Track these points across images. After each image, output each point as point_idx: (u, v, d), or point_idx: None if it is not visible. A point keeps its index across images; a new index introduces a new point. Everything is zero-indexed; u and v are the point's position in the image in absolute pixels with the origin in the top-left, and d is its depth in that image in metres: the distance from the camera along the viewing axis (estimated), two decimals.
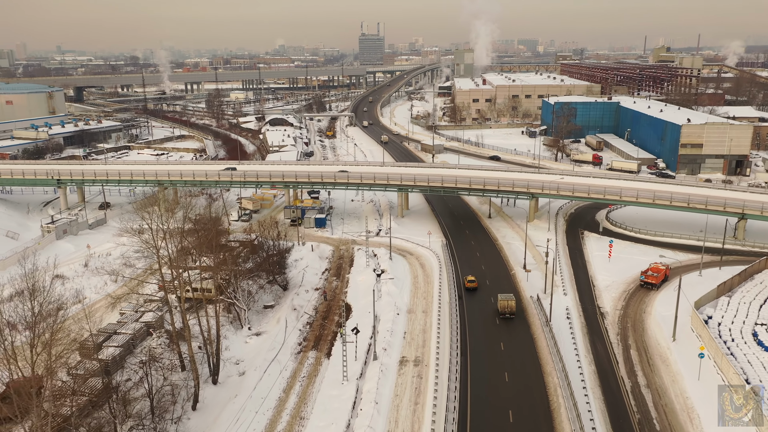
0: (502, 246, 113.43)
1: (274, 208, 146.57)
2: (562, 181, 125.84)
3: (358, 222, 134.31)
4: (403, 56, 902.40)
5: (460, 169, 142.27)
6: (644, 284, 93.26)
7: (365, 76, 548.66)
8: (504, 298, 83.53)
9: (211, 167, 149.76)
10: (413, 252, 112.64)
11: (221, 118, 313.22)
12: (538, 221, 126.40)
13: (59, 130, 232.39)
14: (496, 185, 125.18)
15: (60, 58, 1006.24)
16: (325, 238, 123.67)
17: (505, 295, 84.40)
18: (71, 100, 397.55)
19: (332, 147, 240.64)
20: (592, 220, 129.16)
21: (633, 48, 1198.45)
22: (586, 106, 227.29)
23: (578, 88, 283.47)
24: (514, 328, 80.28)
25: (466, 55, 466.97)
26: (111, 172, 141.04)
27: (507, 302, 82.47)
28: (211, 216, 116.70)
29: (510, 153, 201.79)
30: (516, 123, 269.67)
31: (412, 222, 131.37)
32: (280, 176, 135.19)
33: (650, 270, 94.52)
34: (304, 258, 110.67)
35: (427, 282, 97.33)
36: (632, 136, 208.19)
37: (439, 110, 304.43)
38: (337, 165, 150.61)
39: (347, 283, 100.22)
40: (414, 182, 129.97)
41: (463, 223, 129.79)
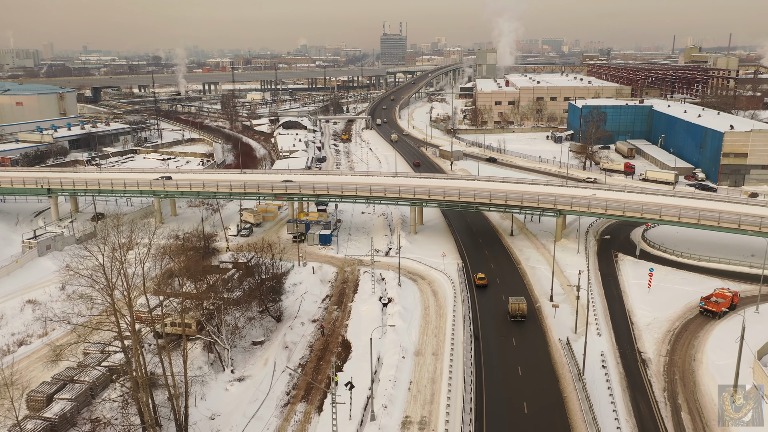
0: (525, 271, 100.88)
1: (278, 221, 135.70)
2: (593, 197, 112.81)
3: (367, 238, 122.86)
4: (425, 56, 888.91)
5: (480, 180, 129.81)
6: (704, 312, 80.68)
7: (385, 77, 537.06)
8: (515, 300, 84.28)
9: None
10: (425, 276, 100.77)
11: (234, 120, 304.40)
12: (565, 240, 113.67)
13: (65, 133, 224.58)
14: (519, 200, 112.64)
15: (84, 58, 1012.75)
16: (329, 257, 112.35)
17: (516, 298, 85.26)
18: (89, 101, 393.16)
19: (346, 152, 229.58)
20: (626, 239, 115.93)
21: (660, 48, 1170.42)
22: (616, 110, 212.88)
23: (607, 90, 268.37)
24: (541, 383, 67.71)
25: (489, 56, 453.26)
26: (104, 182, 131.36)
27: (518, 305, 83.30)
28: (201, 235, 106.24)
29: (534, 160, 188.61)
30: (540, 127, 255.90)
31: (425, 239, 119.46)
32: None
33: (714, 296, 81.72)
34: (303, 282, 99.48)
35: (439, 315, 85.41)
36: (667, 143, 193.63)
37: (460, 113, 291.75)
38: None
39: (349, 314, 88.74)
40: (428, 195, 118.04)
41: (482, 242, 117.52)
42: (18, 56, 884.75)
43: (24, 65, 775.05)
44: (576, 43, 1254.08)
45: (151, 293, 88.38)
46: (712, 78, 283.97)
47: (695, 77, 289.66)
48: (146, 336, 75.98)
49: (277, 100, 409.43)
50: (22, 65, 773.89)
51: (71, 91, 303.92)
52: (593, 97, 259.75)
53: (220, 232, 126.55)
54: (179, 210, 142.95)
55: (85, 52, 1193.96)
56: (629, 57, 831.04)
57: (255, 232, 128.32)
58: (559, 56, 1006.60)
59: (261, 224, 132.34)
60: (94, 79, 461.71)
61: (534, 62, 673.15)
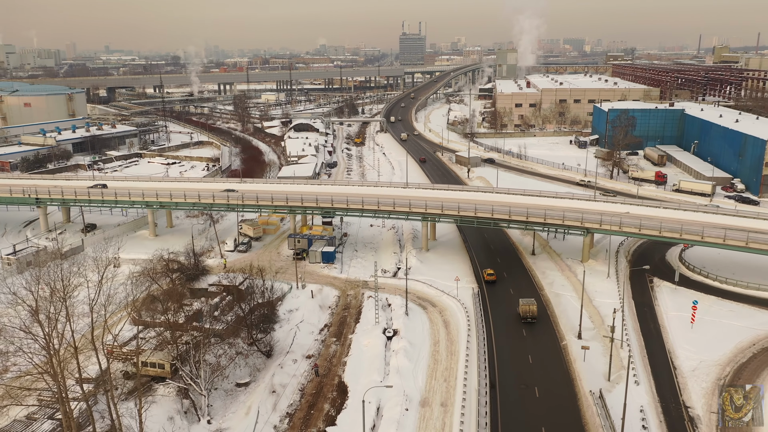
0: (549, 299, 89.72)
1: (280, 234, 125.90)
2: (625, 214, 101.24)
3: (375, 255, 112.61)
4: (444, 56, 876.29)
5: (498, 193, 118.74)
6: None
7: (403, 77, 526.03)
8: (526, 302, 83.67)
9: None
10: (436, 303, 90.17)
11: (246, 122, 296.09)
12: (593, 262, 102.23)
13: (69, 135, 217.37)
14: (542, 217, 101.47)
15: (105, 58, 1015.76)
16: (331, 278, 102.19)
17: (527, 300, 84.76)
18: (103, 101, 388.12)
19: (359, 156, 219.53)
20: (662, 261, 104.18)
21: (684, 47, 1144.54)
22: (644, 113, 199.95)
23: (634, 92, 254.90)
24: None
25: (509, 56, 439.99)
26: (93, 191, 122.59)
27: (529, 306, 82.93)
28: (192, 253, 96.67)
29: (557, 167, 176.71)
30: (563, 131, 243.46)
31: (437, 258, 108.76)
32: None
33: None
34: (300, 308, 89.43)
35: (450, 352, 74.85)
36: (700, 150, 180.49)
37: (478, 115, 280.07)
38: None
39: (349, 348, 78.48)
40: (441, 210, 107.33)
41: (500, 261, 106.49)
42: (40, 56, 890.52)
43: (45, 65, 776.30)
44: (598, 42, 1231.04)
45: (129, 322, 79.41)
46: (747, 79, 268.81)
47: (728, 78, 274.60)
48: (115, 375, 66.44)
49: (291, 100, 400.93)
50: (43, 65, 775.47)
51: (80, 92, 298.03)
52: (619, 99, 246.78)
53: (217, 247, 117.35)
54: (176, 221, 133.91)
55: (106, 52, 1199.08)
56: (653, 57, 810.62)
57: (254, 246, 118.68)
58: (581, 56, 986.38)
59: (261, 238, 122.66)
60: (108, 80, 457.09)
61: (555, 62, 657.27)
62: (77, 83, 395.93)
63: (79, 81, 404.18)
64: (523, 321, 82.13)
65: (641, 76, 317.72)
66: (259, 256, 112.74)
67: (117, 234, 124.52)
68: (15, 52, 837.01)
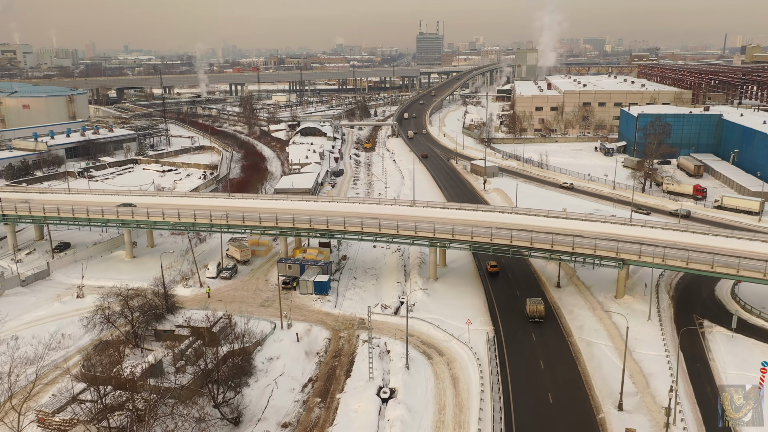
0: (579, 350, 74.72)
1: (271, 256, 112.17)
2: (670, 241, 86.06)
3: (376, 283, 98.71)
4: (461, 56, 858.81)
5: (518, 214, 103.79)
6: None
7: (419, 77, 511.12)
8: (533, 302, 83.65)
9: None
10: (444, 351, 75.80)
11: (253, 125, 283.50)
12: (630, 298, 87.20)
13: (63, 140, 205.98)
14: (569, 245, 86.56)
15: (122, 58, 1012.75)
16: (323, 314, 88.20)
17: (534, 300, 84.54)
18: (112, 103, 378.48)
19: (368, 163, 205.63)
20: (711, 297, 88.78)
21: (708, 47, 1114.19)
22: (677, 119, 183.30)
23: (665, 95, 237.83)
24: None
25: (529, 56, 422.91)
26: (64, 208, 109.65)
27: (536, 306, 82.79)
28: (162, 286, 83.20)
29: (582, 179, 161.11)
30: (587, 136, 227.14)
31: (447, 290, 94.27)
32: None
33: None
34: (282, 356, 75.46)
35: (458, 425, 60.46)
36: (741, 160, 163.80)
37: (496, 118, 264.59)
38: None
39: (335, 413, 64.35)
40: (452, 234, 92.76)
41: (520, 294, 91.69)
42: (57, 56, 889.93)
43: (62, 65, 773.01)
44: (619, 42, 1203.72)
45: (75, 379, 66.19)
46: None
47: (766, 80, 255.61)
48: None
49: (302, 102, 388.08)
50: (60, 65, 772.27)
51: (82, 93, 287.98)
52: (648, 102, 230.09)
53: (203, 269, 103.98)
54: (159, 239, 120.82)
55: (125, 52, 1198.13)
56: (677, 57, 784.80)
57: (241, 271, 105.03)
58: (602, 56, 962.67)
59: (249, 261, 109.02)
60: (116, 80, 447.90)
61: (576, 62, 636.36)
62: (82, 84, 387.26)
63: (84, 81, 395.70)
64: (531, 320, 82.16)
65: (670, 77, 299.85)
66: (245, 284, 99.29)
67: (90, 255, 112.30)
68: (32, 52, 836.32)
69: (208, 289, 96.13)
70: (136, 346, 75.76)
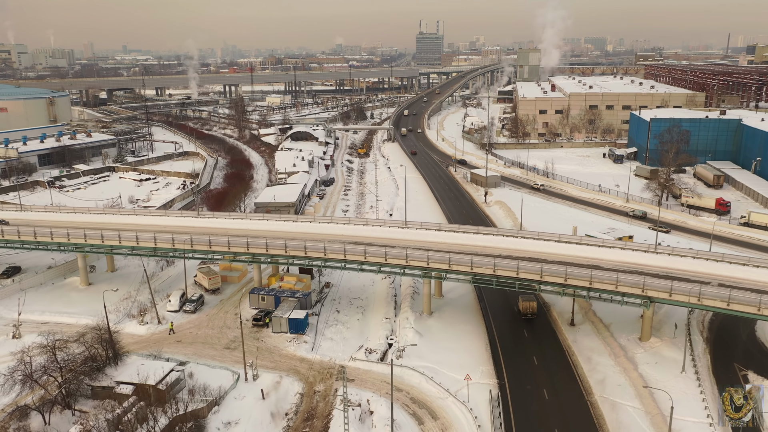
0: (602, 415, 61.60)
1: (245, 283, 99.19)
2: (704, 273, 73.13)
3: (362, 318, 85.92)
4: (461, 56, 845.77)
5: (525, 238, 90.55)
6: None
7: (418, 78, 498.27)
8: (526, 299, 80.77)
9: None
10: (437, 412, 62.86)
11: (244, 128, 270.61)
12: (657, 341, 74.26)
13: (36, 146, 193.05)
14: (586, 278, 73.51)
15: (120, 58, 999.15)
16: (297, 359, 75.18)
17: (527, 296, 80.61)
18: (102, 104, 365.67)
19: (360, 170, 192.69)
20: (752, 339, 76.01)
21: (709, 47, 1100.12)
22: (693, 124, 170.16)
23: (676, 97, 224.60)
24: None
25: (531, 56, 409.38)
26: (8, 230, 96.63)
27: (529, 303, 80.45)
28: (106, 329, 69.50)
29: (592, 190, 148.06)
30: (594, 141, 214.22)
31: (443, 328, 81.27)
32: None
33: None
34: (242, 420, 62.43)
35: None
36: (765, 169, 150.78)
37: (498, 122, 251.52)
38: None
39: None
40: (449, 265, 79.77)
41: (527, 335, 78.86)
42: (53, 56, 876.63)
43: (57, 65, 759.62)
44: (620, 42, 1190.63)
45: None
46: None
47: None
48: None
49: (296, 104, 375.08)
50: (55, 65, 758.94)
51: (64, 95, 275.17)
52: (658, 105, 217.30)
53: (164, 301, 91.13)
54: (122, 262, 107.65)
55: (123, 52, 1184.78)
56: (681, 57, 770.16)
57: (208, 302, 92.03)
58: (603, 56, 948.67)
59: (219, 290, 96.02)
60: (106, 81, 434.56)
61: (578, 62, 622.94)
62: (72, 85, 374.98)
63: (73, 83, 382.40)
64: (523, 318, 79.38)
65: (680, 78, 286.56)
66: (211, 320, 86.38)
67: (41, 282, 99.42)
68: (27, 52, 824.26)
69: (171, 325, 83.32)
70: (66, 408, 62.88)
